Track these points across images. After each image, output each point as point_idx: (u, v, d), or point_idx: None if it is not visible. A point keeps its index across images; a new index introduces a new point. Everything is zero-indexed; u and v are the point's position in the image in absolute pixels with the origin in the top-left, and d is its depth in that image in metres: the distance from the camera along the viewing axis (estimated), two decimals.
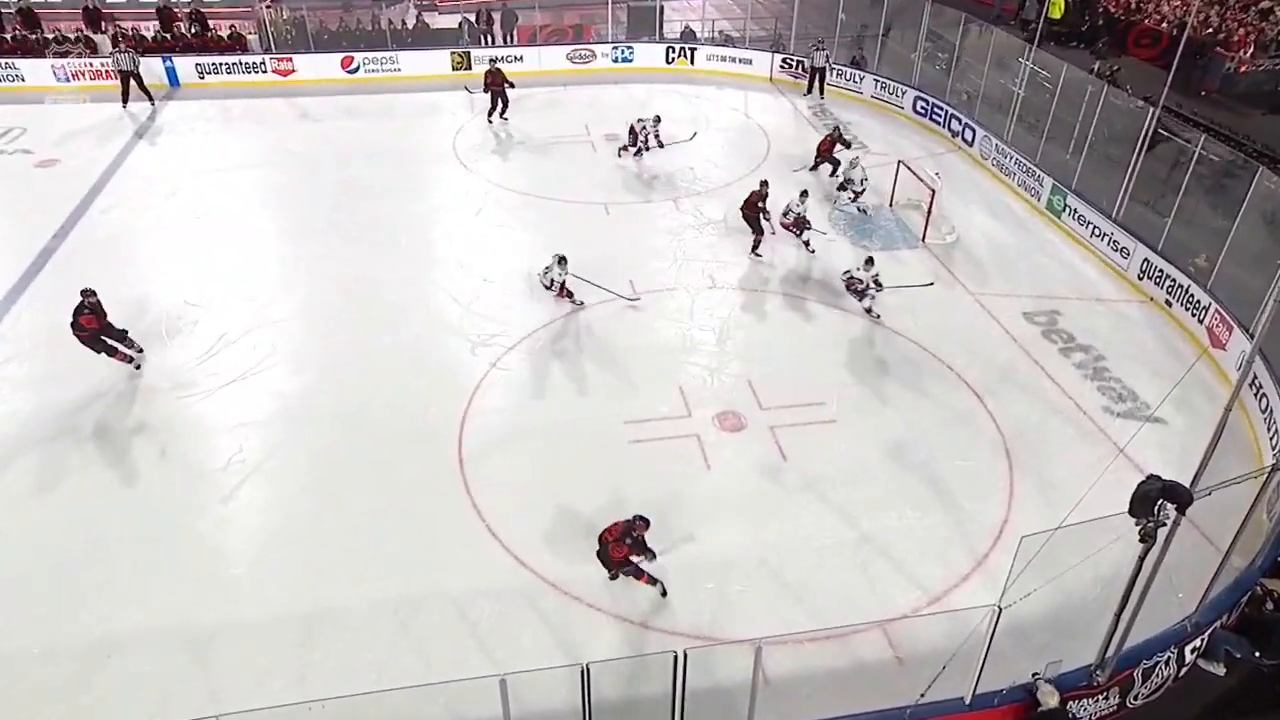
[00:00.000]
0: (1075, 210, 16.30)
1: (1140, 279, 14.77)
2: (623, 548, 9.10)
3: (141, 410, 12.23)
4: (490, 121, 21.63)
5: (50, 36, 23.62)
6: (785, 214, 15.88)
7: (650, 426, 11.91)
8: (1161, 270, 14.30)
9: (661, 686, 7.38)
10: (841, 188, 17.62)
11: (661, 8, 27.04)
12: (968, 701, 7.66)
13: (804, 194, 15.83)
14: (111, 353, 12.52)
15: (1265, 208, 13.40)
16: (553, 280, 14.11)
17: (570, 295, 14.27)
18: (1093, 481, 10.83)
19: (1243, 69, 23.09)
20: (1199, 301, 13.53)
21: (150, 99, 22.14)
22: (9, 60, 22.85)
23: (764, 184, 15.82)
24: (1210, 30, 24.48)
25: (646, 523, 9.23)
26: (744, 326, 14.18)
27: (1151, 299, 14.57)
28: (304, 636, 9.09)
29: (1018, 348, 13.56)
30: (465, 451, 11.50)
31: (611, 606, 9.45)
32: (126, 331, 12.73)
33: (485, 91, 21.45)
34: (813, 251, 15.91)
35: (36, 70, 22.85)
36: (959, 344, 13.59)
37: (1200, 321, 13.49)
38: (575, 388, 12.78)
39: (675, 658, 6.92)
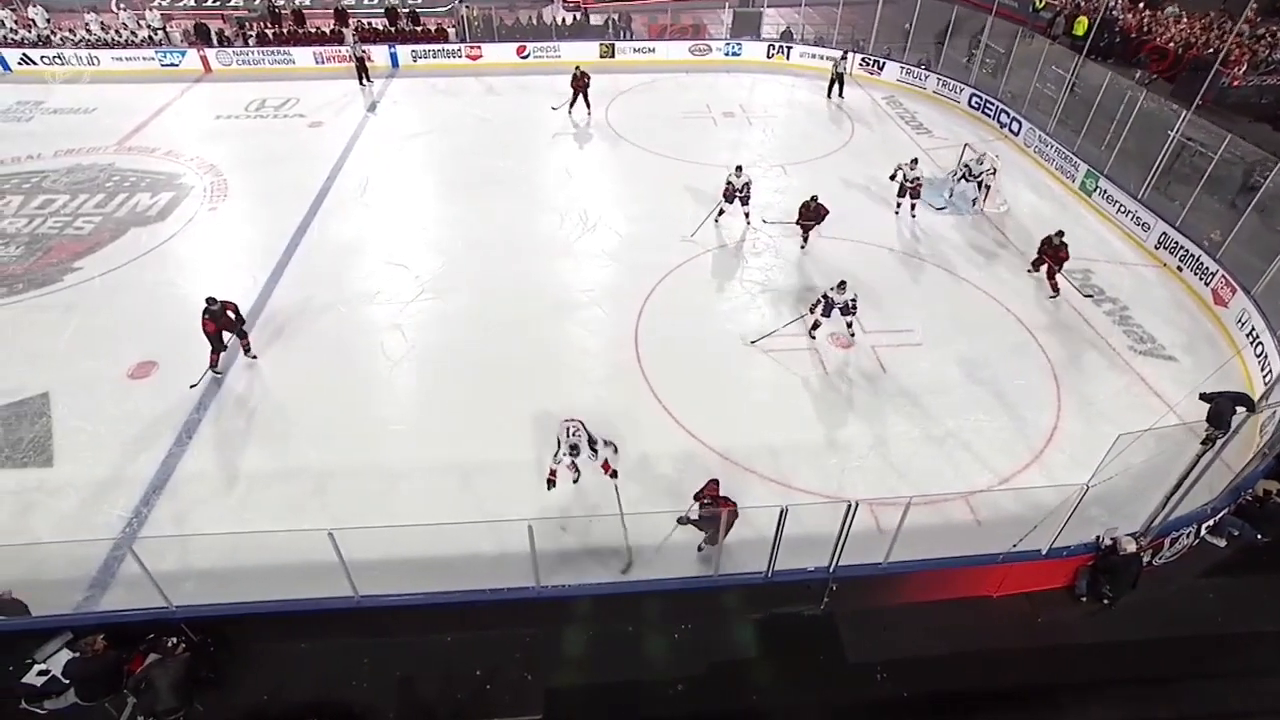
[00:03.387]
0: (1105, 191, 15.58)
1: (1157, 248, 14.18)
2: None
3: (401, 309, 12.66)
4: (570, 113, 19.91)
5: (312, 30, 23.74)
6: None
7: (780, 340, 11.99)
8: (1176, 242, 13.70)
9: (800, 529, 7.49)
10: (965, 178, 15.79)
11: (761, 13, 25.95)
12: (1044, 552, 7.96)
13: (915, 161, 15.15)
14: (219, 349, 11.00)
15: (1267, 200, 12.78)
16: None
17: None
18: (1120, 401, 11.00)
19: (1235, 83, 21.39)
20: (1207, 268, 13.01)
21: (369, 80, 21.93)
22: (284, 48, 23.09)
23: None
24: (1210, 50, 22.64)
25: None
26: (845, 266, 13.86)
27: (1165, 265, 14.01)
28: (522, 476, 9.46)
29: (1059, 297, 13.27)
30: (641, 351, 11.82)
31: (763, 469, 9.81)
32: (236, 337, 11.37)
33: (573, 90, 19.69)
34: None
35: (303, 55, 23.07)
36: (1012, 291, 13.34)
37: (1206, 284, 13.01)
38: (717, 308, 12.85)
39: (849, 506, 7.25)
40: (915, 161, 15.18)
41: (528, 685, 7.34)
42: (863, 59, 22.70)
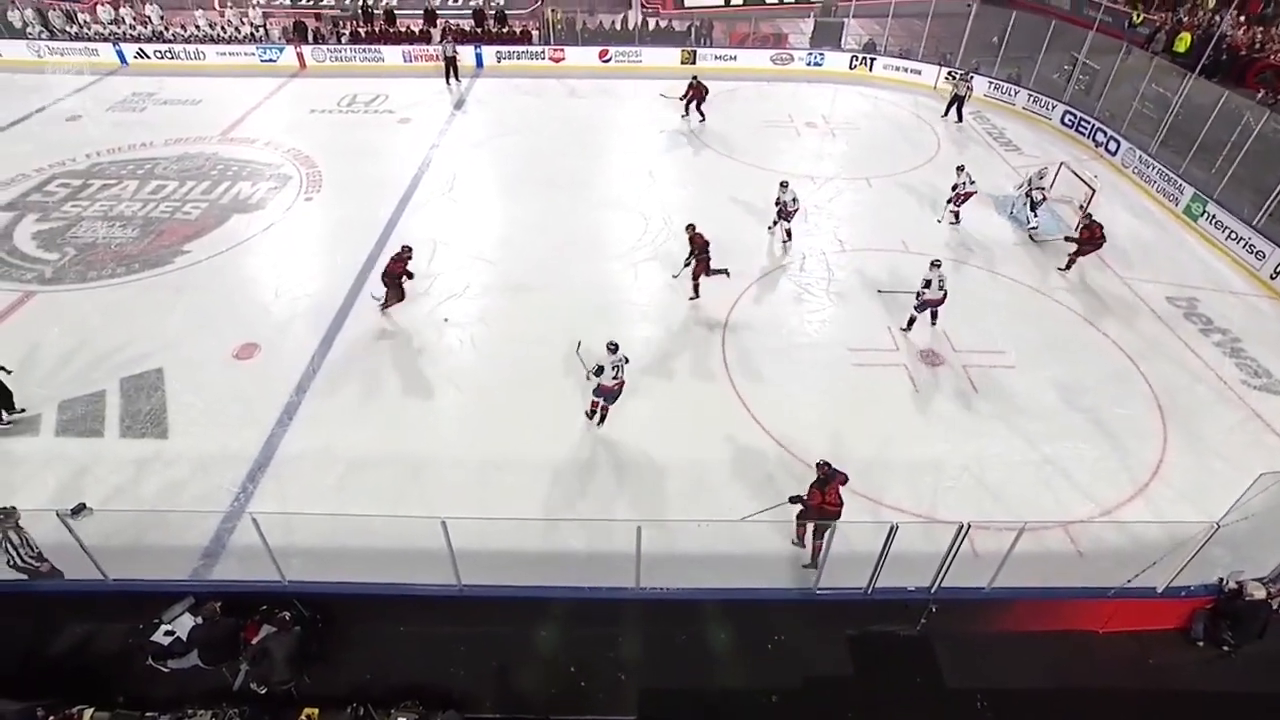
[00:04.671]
0: (1213, 216, 14.87)
1: (1273, 278, 13.47)
2: None
3: (489, 304, 12.94)
4: (686, 115, 20.23)
5: (401, 30, 24.50)
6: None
7: (868, 355, 11.86)
8: None
9: (905, 547, 7.34)
10: (1029, 199, 15.34)
11: (843, 24, 25.69)
12: (1159, 591, 7.63)
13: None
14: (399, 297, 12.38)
15: None
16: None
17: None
18: (1234, 437, 10.49)
19: None
20: None
21: (458, 79, 22.59)
22: (375, 46, 23.90)
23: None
24: None
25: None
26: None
27: None
28: (617, 477, 9.68)
29: (1162, 324, 12.71)
30: (728, 358, 11.78)
31: (853, 484, 9.51)
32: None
33: (682, 99, 20.13)
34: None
35: (392, 54, 23.82)
36: (1112, 317, 12.84)
37: None
38: (807, 319, 12.70)
39: (960, 527, 7.07)
40: (961, 169, 15.25)
41: (622, 685, 7.37)
42: (949, 73, 22.24)
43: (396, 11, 24.98)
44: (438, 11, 25.16)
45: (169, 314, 12.57)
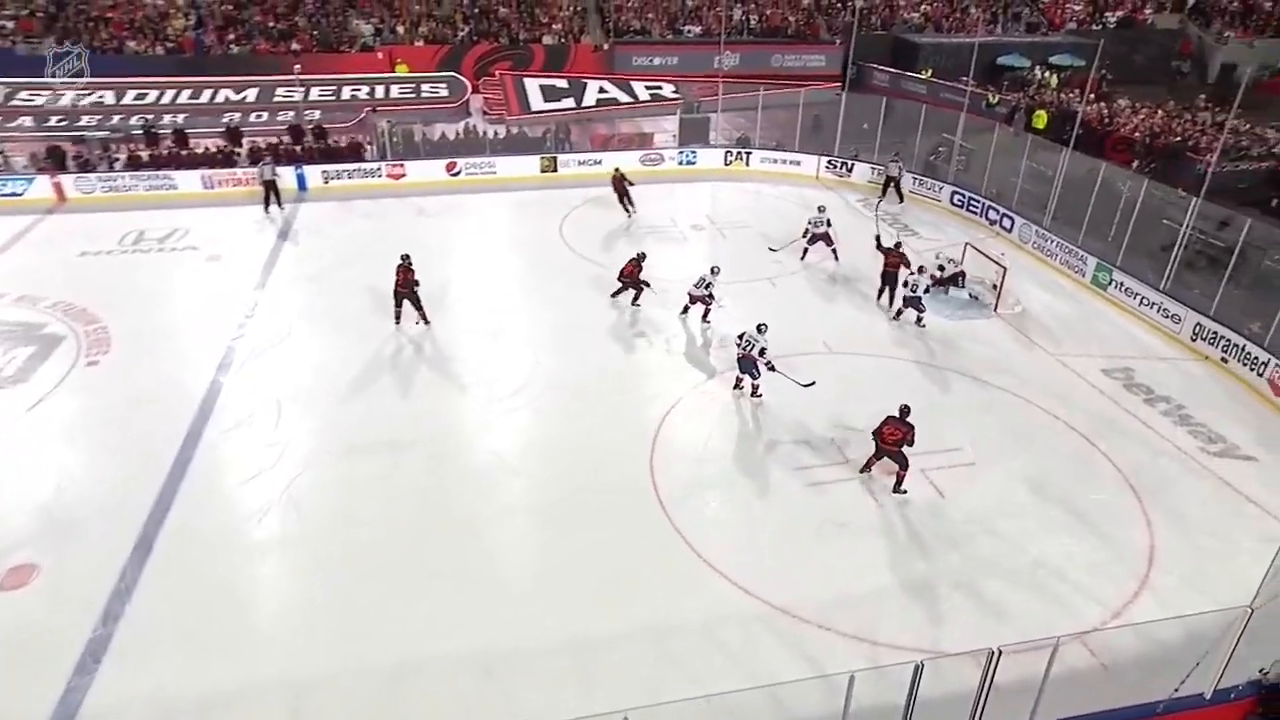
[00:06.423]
0: (1121, 283, 17.23)
1: (1193, 341, 15.61)
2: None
3: (358, 473, 12.30)
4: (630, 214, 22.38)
5: (198, 152, 24.15)
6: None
7: (817, 472, 12.27)
8: (1215, 333, 15.17)
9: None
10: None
11: (709, 119, 28.37)
12: (1208, 696, 7.97)
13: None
14: (416, 305, 16.15)
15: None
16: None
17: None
18: (1212, 509, 11.63)
19: (1209, 170, 24.61)
20: (1257, 358, 14.40)
21: (280, 205, 22.47)
22: (165, 171, 23.31)
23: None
24: (1178, 138, 26.21)
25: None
26: (865, 385, 14.43)
27: (1208, 358, 15.34)
28: (582, 656, 9.24)
29: (1106, 399, 14.21)
30: (662, 496, 11.74)
31: (842, 625, 9.64)
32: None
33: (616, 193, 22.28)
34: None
35: (188, 180, 23.29)
36: (1055, 396, 14.22)
37: (1260, 375, 14.32)
38: (740, 441, 13.07)
39: (991, 654, 7.18)
40: (822, 208, 19.26)
41: None
42: (829, 161, 24.95)
43: (188, 131, 24.69)
44: (242, 129, 25.14)
45: None
